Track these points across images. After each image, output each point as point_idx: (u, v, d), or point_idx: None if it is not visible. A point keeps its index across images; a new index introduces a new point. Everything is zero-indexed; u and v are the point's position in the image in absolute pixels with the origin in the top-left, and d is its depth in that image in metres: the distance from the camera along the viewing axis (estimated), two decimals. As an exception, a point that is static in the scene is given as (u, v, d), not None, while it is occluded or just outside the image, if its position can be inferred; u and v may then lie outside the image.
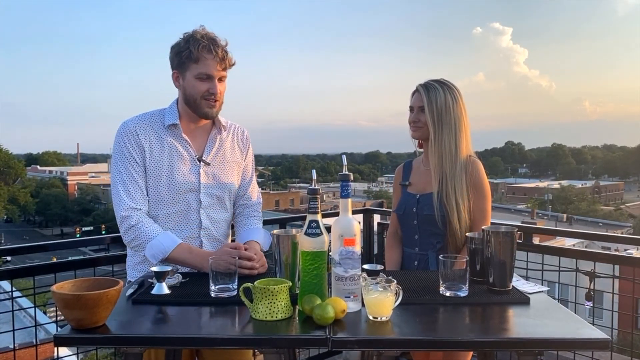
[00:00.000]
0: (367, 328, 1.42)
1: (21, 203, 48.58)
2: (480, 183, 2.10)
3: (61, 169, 73.40)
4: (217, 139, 2.01)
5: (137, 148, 1.89)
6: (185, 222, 1.94)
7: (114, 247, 2.88)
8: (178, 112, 1.96)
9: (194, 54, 1.82)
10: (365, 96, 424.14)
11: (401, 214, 2.21)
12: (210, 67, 1.85)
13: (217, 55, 1.85)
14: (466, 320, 1.52)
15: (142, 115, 1.97)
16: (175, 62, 1.90)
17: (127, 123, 1.93)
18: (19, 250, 2.69)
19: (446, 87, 2.10)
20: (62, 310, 1.37)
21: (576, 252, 2.83)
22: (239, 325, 1.49)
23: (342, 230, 1.52)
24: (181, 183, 1.92)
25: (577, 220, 43.61)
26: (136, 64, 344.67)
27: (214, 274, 1.61)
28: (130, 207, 1.85)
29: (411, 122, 2.16)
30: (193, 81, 1.87)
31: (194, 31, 1.87)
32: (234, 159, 2.06)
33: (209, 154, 1.98)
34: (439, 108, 2.07)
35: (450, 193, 2.05)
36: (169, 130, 1.94)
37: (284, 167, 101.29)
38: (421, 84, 2.13)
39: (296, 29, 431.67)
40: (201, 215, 1.96)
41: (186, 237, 1.94)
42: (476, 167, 2.11)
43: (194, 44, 1.82)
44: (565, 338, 1.37)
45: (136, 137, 1.90)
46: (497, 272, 1.68)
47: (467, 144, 2.12)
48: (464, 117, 2.11)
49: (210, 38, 1.86)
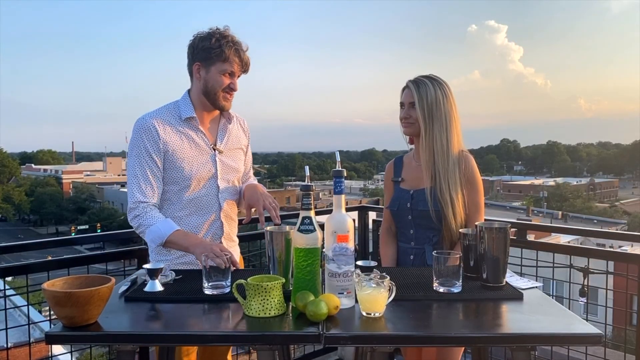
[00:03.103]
0: (360, 324, 1.43)
1: (16, 202, 48.39)
2: (473, 178, 2.12)
3: (56, 167, 73.12)
4: (226, 128, 2.16)
5: (154, 143, 1.99)
6: (207, 207, 2.08)
7: (109, 245, 2.87)
8: (192, 104, 2.07)
9: (225, 54, 2.00)
10: (362, 94, 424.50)
11: (395, 210, 2.21)
12: (235, 67, 2.04)
13: (243, 59, 2.06)
14: (460, 316, 1.52)
15: (158, 110, 2.07)
16: (201, 56, 2.02)
17: (144, 118, 2.03)
18: (13, 249, 2.69)
19: (436, 83, 2.10)
20: (53, 308, 1.37)
21: (570, 248, 2.83)
22: (232, 322, 1.48)
23: (336, 226, 1.52)
24: (202, 172, 2.05)
25: (572, 217, 43.80)
26: (131, 62, 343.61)
27: (207, 271, 1.61)
28: (139, 200, 1.98)
29: (402, 119, 2.17)
30: (217, 76, 2.02)
31: (226, 32, 2.03)
32: (240, 145, 2.22)
33: (221, 142, 2.13)
34: (430, 104, 2.07)
35: (444, 188, 2.05)
36: (186, 122, 2.06)
37: (279, 165, 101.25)
38: (411, 79, 2.14)
39: (292, 27, 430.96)
40: (220, 199, 2.10)
41: (208, 219, 2.08)
42: (469, 162, 2.12)
43: (226, 45, 2.00)
44: (558, 333, 1.38)
45: (154, 133, 2.00)
46: (490, 268, 1.68)
47: (459, 139, 2.12)
48: (455, 112, 2.11)
49: (238, 43, 2.05)
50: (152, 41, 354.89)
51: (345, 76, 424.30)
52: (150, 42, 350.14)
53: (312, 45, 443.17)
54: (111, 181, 61.87)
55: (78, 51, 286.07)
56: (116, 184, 57.96)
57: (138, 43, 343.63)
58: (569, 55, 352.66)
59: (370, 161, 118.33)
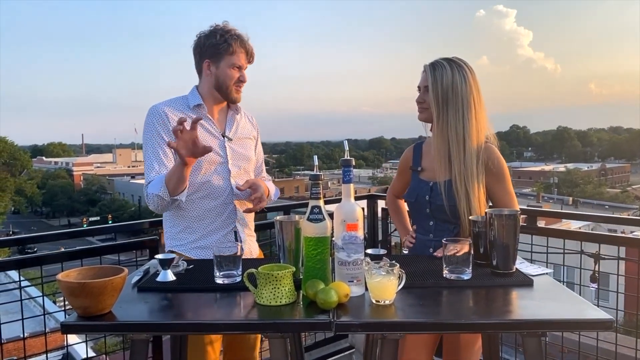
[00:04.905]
0: (370, 312, 1.44)
1: (28, 194, 48.84)
2: (500, 170, 1.98)
3: (66, 159, 73.63)
4: (234, 118, 2.24)
5: (165, 126, 2.06)
6: (219, 190, 2.13)
7: (120, 236, 2.90)
8: (200, 96, 2.15)
9: (232, 47, 2.08)
10: (369, 82, 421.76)
11: (413, 202, 2.11)
12: (242, 60, 2.13)
13: (248, 50, 2.15)
14: (470, 302, 1.53)
15: (168, 100, 2.16)
16: (210, 53, 2.10)
17: (156, 106, 2.11)
18: (26, 240, 2.73)
19: (455, 65, 1.96)
20: (68, 298, 1.39)
21: (580, 234, 2.82)
22: (243, 311, 1.50)
23: (345, 215, 1.52)
24: (211, 156, 2.09)
25: (583, 203, 43.46)
26: (140, 54, 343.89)
27: (218, 261, 1.63)
28: (151, 180, 2.01)
29: (417, 103, 2.06)
30: (227, 70, 2.11)
31: (225, 26, 2.11)
32: (248, 135, 2.29)
33: (230, 131, 2.20)
34: (445, 88, 1.93)
35: (459, 181, 1.92)
36: (195, 110, 2.13)
37: (288, 154, 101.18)
38: (430, 62, 2.02)
39: (299, 14, 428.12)
40: (232, 184, 2.15)
41: (221, 202, 2.14)
42: (492, 154, 1.97)
43: (231, 39, 2.08)
44: (569, 319, 1.38)
45: (164, 117, 2.08)
46: (500, 254, 1.68)
47: (480, 127, 1.97)
48: (475, 98, 1.95)
49: (241, 35, 2.12)
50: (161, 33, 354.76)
51: (353, 64, 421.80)
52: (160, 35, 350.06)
53: (320, 33, 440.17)
54: (121, 173, 62.25)
55: (88, 44, 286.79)
56: (126, 176, 58.31)
57: (148, 35, 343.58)
58: (580, 39, 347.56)
59: (378, 149, 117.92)
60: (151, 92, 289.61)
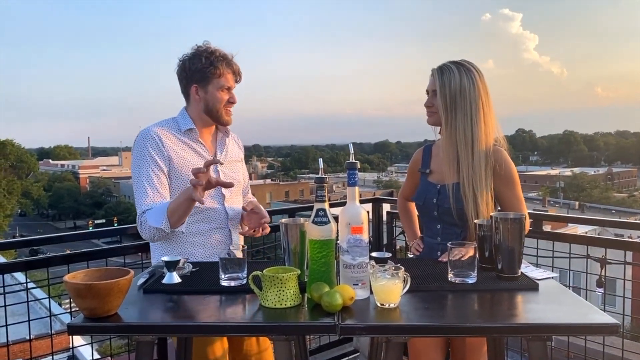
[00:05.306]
0: (375, 315, 1.43)
1: (34, 197, 49.13)
2: (510, 174, 1.97)
3: (73, 162, 74.05)
4: (225, 141, 2.20)
5: (158, 150, 2.00)
6: (214, 214, 2.09)
7: (126, 239, 2.91)
8: (191, 119, 2.10)
9: (219, 70, 2.03)
10: (374, 85, 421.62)
11: (421, 205, 2.11)
12: (230, 81, 2.07)
13: (235, 70, 2.09)
14: (475, 306, 1.53)
15: (159, 122, 2.10)
16: (196, 77, 2.04)
17: (147, 129, 2.05)
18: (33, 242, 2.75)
19: (463, 69, 1.95)
20: (74, 299, 1.40)
21: (587, 238, 2.81)
22: (248, 313, 1.50)
23: (350, 218, 1.53)
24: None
25: (589, 207, 43.21)
26: (147, 56, 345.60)
27: (224, 263, 1.63)
28: (146, 209, 1.94)
29: (425, 107, 2.06)
30: (216, 93, 2.05)
31: (208, 48, 2.04)
32: (237, 158, 2.28)
33: (221, 154, 2.16)
34: (453, 91, 1.93)
35: (467, 184, 1.92)
36: (186, 134, 2.08)
37: (293, 158, 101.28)
38: (438, 66, 2.01)
39: (304, 16, 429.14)
40: (226, 208, 2.11)
41: (217, 226, 2.09)
42: (501, 157, 1.96)
43: (217, 61, 2.03)
44: (574, 323, 1.37)
45: (157, 140, 2.01)
46: (505, 258, 1.68)
47: (488, 130, 1.96)
48: (484, 101, 1.95)
49: (226, 55, 2.07)
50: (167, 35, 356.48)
51: (358, 67, 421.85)
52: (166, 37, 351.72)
53: (324, 36, 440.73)
54: (127, 175, 62.36)
55: (94, 46, 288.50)
56: (132, 179, 58.45)
57: (154, 37, 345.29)
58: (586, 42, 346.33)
59: (383, 153, 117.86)
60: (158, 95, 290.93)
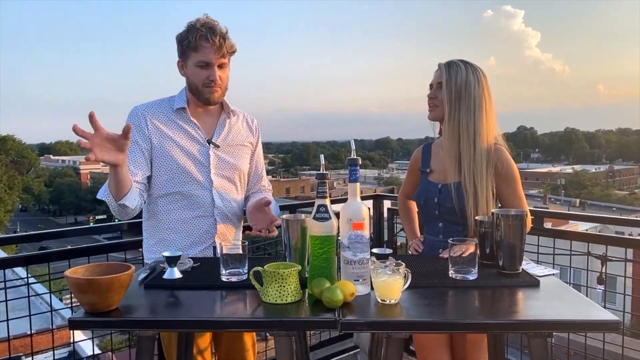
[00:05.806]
0: (376, 311, 1.44)
1: (35, 192, 49.18)
2: (511, 173, 1.98)
3: (74, 158, 73.98)
4: (226, 123, 2.08)
5: (139, 128, 1.95)
6: (198, 201, 2.00)
7: (127, 234, 2.92)
8: (186, 98, 2.04)
9: (193, 43, 1.89)
10: (376, 82, 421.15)
11: (422, 204, 2.11)
12: (208, 55, 1.91)
13: (215, 43, 1.89)
14: (475, 303, 1.52)
15: (152, 101, 2.06)
16: (179, 52, 1.97)
17: (136, 107, 2.02)
18: (34, 237, 2.76)
19: (469, 66, 1.99)
20: (75, 294, 1.40)
21: (588, 236, 2.81)
22: (249, 309, 1.50)
23: (351, 214, 1.52)
24: (191, 163, 1.99)
25: (590, 205, 43.21)
26: (149, 52, 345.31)
27: (225, 258, 1.63)
28: None
29: (428, 99, 2.06)
30: (194, 69, 1.94)
31: (196, 20, 1.94)
32: (243, 142, 2.13)
33: (218, 136, 2.05)
34: (458, 85, 1.95)
35: (468, 179, 1.93)
36: (177, 113, 2.02)
37: (294, 154, 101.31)
38: (445, 62, 2.03)
39: (306, 14, 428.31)
40: (214, 195, 2.01)
41: (200, 214, 2.01)
42: (502, 156, 1.97)
43: (192, 33, 1.89)
44: (575, 320, 1.37)
45: (141, 119, 1.97)
46: (506, 255, 1.68)
47: (490, 129, 1.97)
48: (487, 100, 1.97)
49: (209, 27, 1.90)
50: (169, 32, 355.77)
51: (360, 64, 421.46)
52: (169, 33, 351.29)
53: (326, 33, 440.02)
54: (128, 171, 62.38)
55: (96, 42, 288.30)
56: (133, 174, 58.42)
57: (156, 33, 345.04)
58: (588, 40, 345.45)
59: (384, 150, 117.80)
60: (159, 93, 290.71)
